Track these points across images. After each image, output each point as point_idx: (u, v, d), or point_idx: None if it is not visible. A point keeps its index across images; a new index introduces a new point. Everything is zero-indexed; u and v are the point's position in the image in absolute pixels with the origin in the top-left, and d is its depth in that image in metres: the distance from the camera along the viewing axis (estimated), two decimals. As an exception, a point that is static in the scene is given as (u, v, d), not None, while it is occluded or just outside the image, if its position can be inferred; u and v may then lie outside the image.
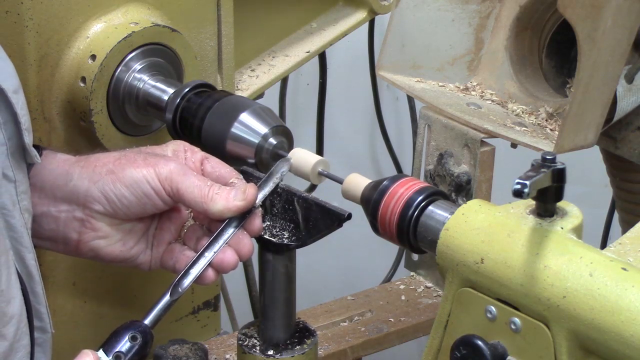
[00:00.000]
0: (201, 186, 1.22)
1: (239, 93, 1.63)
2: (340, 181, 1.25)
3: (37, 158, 1.22)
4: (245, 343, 1.30)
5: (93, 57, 1.38)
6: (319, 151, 2.50)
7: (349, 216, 1.22)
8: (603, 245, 2.19)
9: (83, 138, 1.42)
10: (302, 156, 1.29)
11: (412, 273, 1.67)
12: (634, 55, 1.43)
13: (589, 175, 2.24)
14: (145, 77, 1.42)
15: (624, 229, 1.72)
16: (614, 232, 2.14)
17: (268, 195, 1.26)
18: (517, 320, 1.04)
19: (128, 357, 1.14)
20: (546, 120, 1.50)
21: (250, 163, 1.34)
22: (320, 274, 2.84)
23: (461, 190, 1.48)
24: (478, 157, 1.45)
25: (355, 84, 2.76)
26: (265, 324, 1.30)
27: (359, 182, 1.24)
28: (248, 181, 1.26)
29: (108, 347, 1.14)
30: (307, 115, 2.58)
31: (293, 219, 1.26)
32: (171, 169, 1.22)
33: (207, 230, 1.27)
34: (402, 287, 1.64)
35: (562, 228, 1.04)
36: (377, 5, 1.77)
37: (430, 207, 1.16)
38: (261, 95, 1.70)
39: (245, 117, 1.35)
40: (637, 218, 1.54)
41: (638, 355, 0.95)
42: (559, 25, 1.55)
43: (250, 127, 1.34)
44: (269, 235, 1.26)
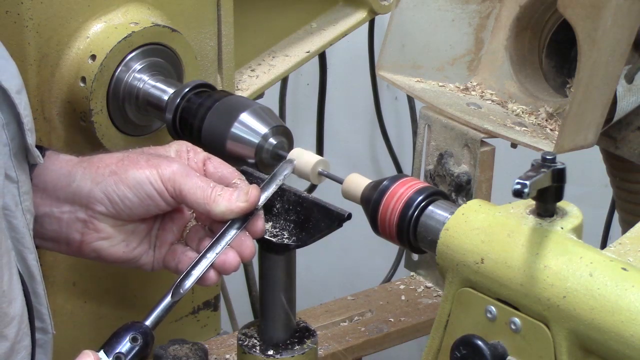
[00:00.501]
0: (204, 187, 1.22)
1: (239, 93, 1.63)
2: (340, 181, 1.25)
3: (40, 158, 1.22)
4: (245, 343, 1.30)
5: (93, 57, 1.38)
6: (319, 151, 2.50)
7: (349, 216, 1.22)
8: (603, 245, 2.19)
9: (83, 138, 1.42)
10: (302, 156, 1.29)
11: (412, 273, 1.66)
12: (634, 55, 1.43)
13: (589, 175, 2.23)
14: (145, 77, 1.42)
15: (624, 229, 1.72)
16: (614, 232, 2.14)
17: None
18: (517, 320, 1.04)
19: (128, 358, 1.14)
20: (546, 120, 1.50)
21: (250, 163, 1.34)
22: (320, 274, 2.84)
23: (461, 190, 1.48)
24: (478, 157, 1.45)
25: (355, 84, 2.76)
26: (265, 324, 1.30)
27: (359, 182, 1.24)
28: (248, 181, 1.26)
29: (109, 348, 1.14)
30: (307, 115, 2.58)
31: (293, 219, 1.26)
32: (174, 170, 1.22)
33: (210, 230, 1.27)
34: (402, 287, 1.64)
35: (562, 228, 1.04)
36: (377, 5, 1.77)
37: (430, 207, 1.16)
38: (261, 95, 1.70)
39: (245, 117, 1.35)
40: (637, 218, 1.54)
41: (638, 355, 0.94)
42: (559, 25, 1.55)
43: (250, 127, 1.34)
44: (269, 235, 1.26)
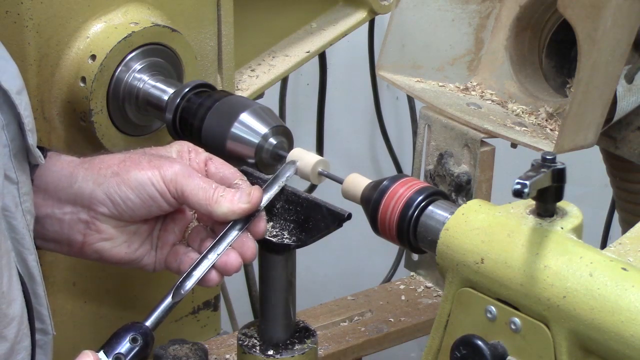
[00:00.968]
0: (206, 188, 1.21)
1: (239, 93, 1.62)
2: (340, 181, 1.25)
3: (41, 159, 1.22)
4: (245, 343, 1.30)
5: (93, 57, 1.38)
6: (319, 151, 2.50)
7: (349, 216, 1.22)
8: (603, 245, 2.19)
9: (83, 138, 1.42)
10: (302, 156, 1.29)
11: (412, 273, 1.66)
12: (634, 55, 1.43)
13: (589, 175, 2.23)
14: (145, 77, 1.42)
15: (624, 229, 1.72)
16: (614, 232, 2.14)
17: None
18: (517, 320, 1.04)
19: (128, 359, 1.14)
20: (546, 120, 1.50)
21: (250, 163, 1.34)
22: (320, 274, 2.84)
23: (461, 190, 1.48)
24: (478, 157, 1.45)
25: (355, 84, 2.76)
26: (265, 324, 1.30)
27: (359, 182, 1.24)
28: (249, 181, 1.26)
29: (108, 349, 1.14)
30: (307, 115, 2.57)
31: (293, 219, 1.26)
32: (176, 171, 1.22)
33: (211, 231, 1.27)
34: (402, 287, 1.64)
35: (562, 228, 1.04)
36: (377, 5, 1.77)
37: (430, 207, 1.16)
38: (261, 95, 1.70)
39: (245, 117, 1.35)
40: (637, 218, 1.54)
41: (638, 355, 0.94)
42: (559, 25, 1.55)
43: (250, 127, 1.34)
44: (269, 235, 1.26)
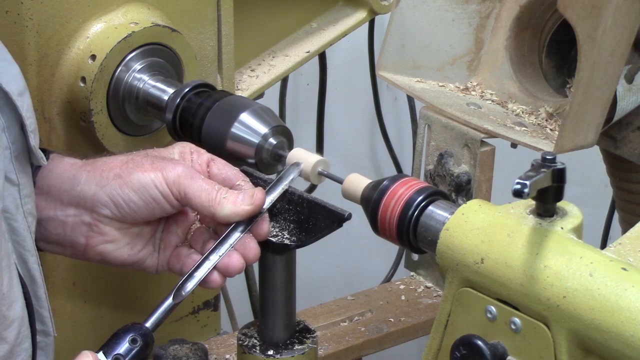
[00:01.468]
0: (209, 190, 1.21)
1: (239, 93, 1.62)
2: (340, 181, 1.25)
3: (44, 160, 1.21)
4: (245, 343, 1.30)
5: (93, 57, 1.38)
6: (319, 151, 2.50)
7: (349, 216, 1.22)
8: (603, 245, 2.19)
9: (83, 138, 1.42)
10: (302, 156, 1.29)
11: (412, 273, 1.66)
12: (634, 55, 1.43)
13: (589, 175, 2.24)
14: (145, 77, 1.42)
15: (624, 229, 1.72)
16: (614, 232, 2.14)
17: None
18: (517, 320, 1.04)
19: (127, 360, 1.14)
20: (546, 120, 1.50)
21: (250, 163, 1.34)
22: (320, 274, 2.84)
23: (461, 190, 1.48)
24: (478, 157, 1.45)
25: (355, 84, 2.76)
26: (265, 324, 1.30)
27: (359, 182, 1.24)
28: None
29: (108, 349, 1.14)
30: (307, 115, 2.57)
31: (293, 219, 1.26)
32: (179, 173, 1.22)
33: (214, 232, 1.27)
34: (402, 287, 1.64)
35: (562, 228, 1.04)
36: (377, 5, 1.77)
37: (430, 207, 1.15)
38: (261, 95, 1.70)
39: (245, 117, 1.35)
40: (637, 218, 1.54)
41: (638, 355, 0.94)
42: (559, 25, 1.55)
43: (250, 127, 1.34)
44: (269, 235, 1.26)
